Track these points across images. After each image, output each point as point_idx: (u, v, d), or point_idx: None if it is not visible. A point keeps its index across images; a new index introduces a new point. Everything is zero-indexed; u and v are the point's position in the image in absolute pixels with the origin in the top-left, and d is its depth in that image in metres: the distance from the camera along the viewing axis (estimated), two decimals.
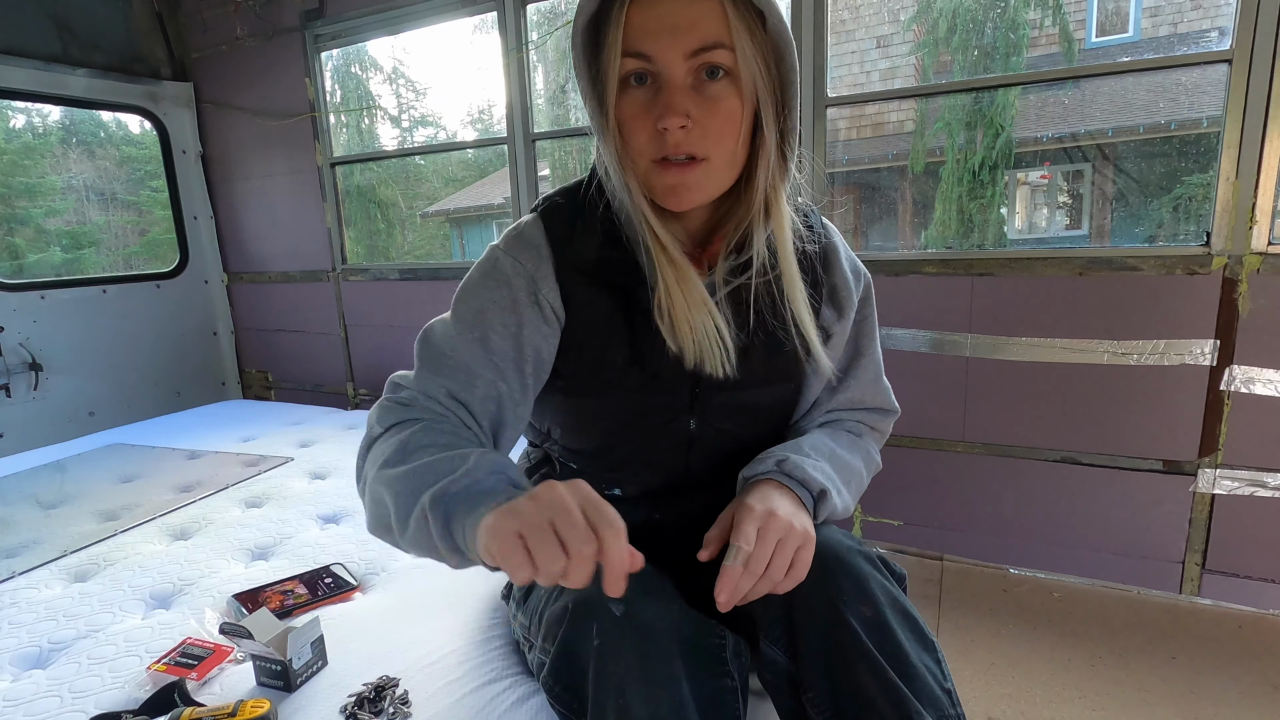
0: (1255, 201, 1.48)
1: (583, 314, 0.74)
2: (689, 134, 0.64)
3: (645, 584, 0.66)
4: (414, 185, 9.33)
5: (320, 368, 2.85)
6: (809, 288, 0.77)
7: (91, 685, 0.89)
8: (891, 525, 1.95)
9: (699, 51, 0.63)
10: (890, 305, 1.85)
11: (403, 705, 0.81)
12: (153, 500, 1.54)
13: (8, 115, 6.69)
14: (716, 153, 0.66)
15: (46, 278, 3.85)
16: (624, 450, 0.79)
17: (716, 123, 0.65)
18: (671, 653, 0.62)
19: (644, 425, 0.77)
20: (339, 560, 1.21)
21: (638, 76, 0.65)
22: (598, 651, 0.61)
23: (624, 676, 0.60)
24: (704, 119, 0.64)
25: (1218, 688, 1.40)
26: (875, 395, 0.86)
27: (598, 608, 0.63)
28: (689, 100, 0.64)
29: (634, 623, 0.62)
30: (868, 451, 0.85)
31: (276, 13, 2.54)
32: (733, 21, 0.62)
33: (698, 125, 0.64)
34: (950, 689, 0.63)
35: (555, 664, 0.65)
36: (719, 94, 0.64)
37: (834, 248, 0.80)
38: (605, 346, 0.74)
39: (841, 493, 0.75)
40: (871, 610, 0.64)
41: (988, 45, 5.93)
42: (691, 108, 0.64)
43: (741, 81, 0.64)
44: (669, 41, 0.62)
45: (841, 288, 0.80)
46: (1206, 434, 1.60)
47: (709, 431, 0.78)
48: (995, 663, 1.51)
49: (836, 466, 0.76)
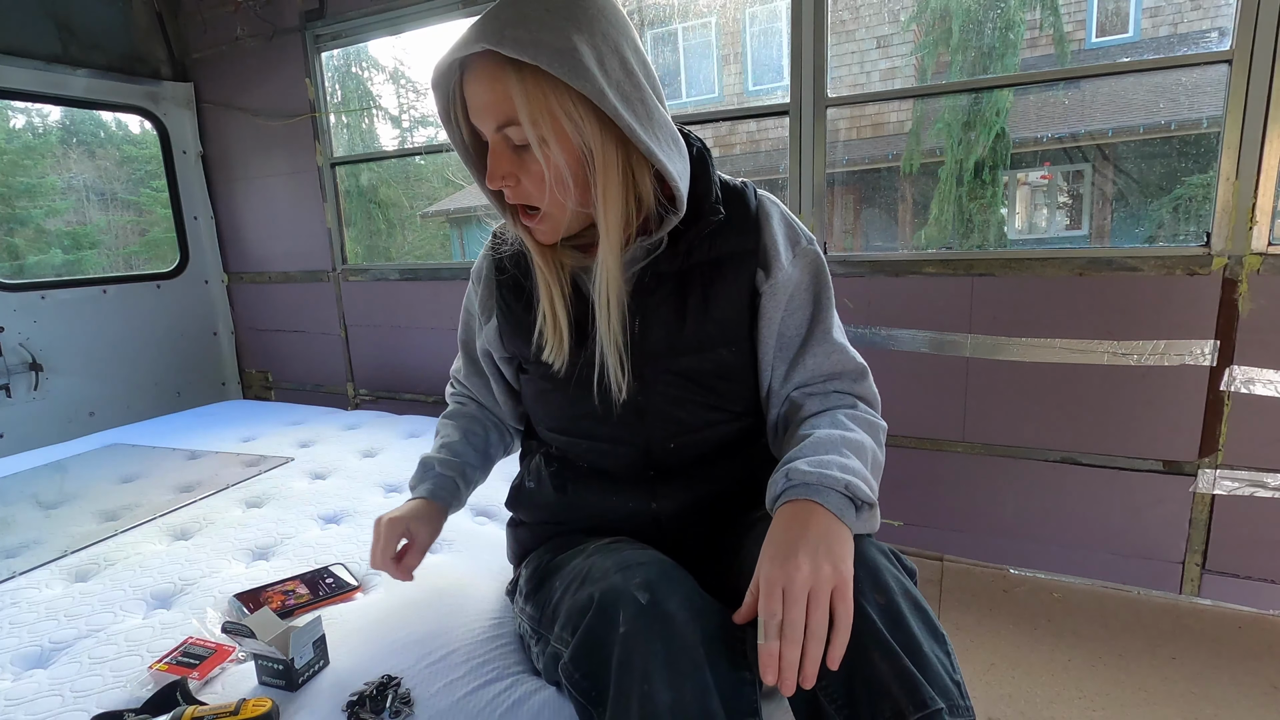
0: (1255, 202, 1.48)
1: (509, 318, 0.91)
2: (516, 191, 0.76)
3: (668, 575, 0.69)
4: (414, 185, 9.32)
5: (320, 368, 2.85)
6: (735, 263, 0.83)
7: (93, 685, 0.90)
8: (891, 525, 1.95)
9: (499, 128, 0.72)
10: (890, 305, 1.85)
11: (404, 704, 0.81)
12: (153, 500, 1.55)
13: (8, 115, 6.68)
14: (547, 203, 0.76)
15: (47, 278, 3.85)
16: (585, 425, 0.87)
17: (531, 181, 0.75)
18: (695, 642, 0.63)
19: (589, 399, 0.84)
20: (340, 560, 1.21)
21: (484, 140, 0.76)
22: (623, 639, 0.63)
23: (649, 664, 0.61)
24: (524, 179, 0.75)
25: (1218, 688, 1.40)
26: (840, 361, 0.84)
27: (624, 597, 0.65)
28: (505, 161, 0.74)
29: (659, 611, 0.64)
30: (868, 421, 0.81)
31: (276, 13, 2.54)
32: (520, 99, 0.69)
33: (520, 185, 0.75)
34: (960, 681, 0.63)
35: (577, 652, 0.67)
36: (527, 159, 0.74)
37: (765, 214, 0.86)
38: (526, 343, 0.87)
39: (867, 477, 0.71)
40: (885, 599, 0.64)
41: (987, 46, 5.93)
42: (509, 167, 0.74)
43: (546, 145, 0.71)
44: (480, 118, 0.74)
45: (770, 249, 0.83)
46: (1206, 434, 1.60)
47: (656, 399, 0.83)
48: (995, 663, 1.51)
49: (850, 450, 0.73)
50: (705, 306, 0.82)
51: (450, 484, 0.96)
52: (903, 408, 1.88)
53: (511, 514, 1.00)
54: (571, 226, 0.80)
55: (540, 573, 0.86)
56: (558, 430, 0.92)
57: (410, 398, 2.68)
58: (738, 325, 0.84)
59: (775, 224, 0.85)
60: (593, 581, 0.71)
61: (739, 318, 0.84)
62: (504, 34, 0.67)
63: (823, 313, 0.86)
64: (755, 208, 0.86)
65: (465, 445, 1.00)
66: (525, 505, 0.95)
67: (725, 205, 0.83)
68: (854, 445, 0.73)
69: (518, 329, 0.89)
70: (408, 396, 2.68)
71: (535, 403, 0.95)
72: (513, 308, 0.90)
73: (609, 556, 0.74)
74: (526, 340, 0.87)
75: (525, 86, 0.69)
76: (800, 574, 0.61)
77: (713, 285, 0.82)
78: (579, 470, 0.90)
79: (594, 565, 0.74)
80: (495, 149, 0.74)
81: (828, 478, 0.67)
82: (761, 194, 0.88)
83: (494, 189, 0.76)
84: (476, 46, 0.69)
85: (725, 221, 0.82)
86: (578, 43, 0.68)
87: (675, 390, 0.84)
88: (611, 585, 0.67)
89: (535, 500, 0.93)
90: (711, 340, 0.83)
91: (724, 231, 0.83)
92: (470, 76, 0.73)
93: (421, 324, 2.57)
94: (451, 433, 1.02)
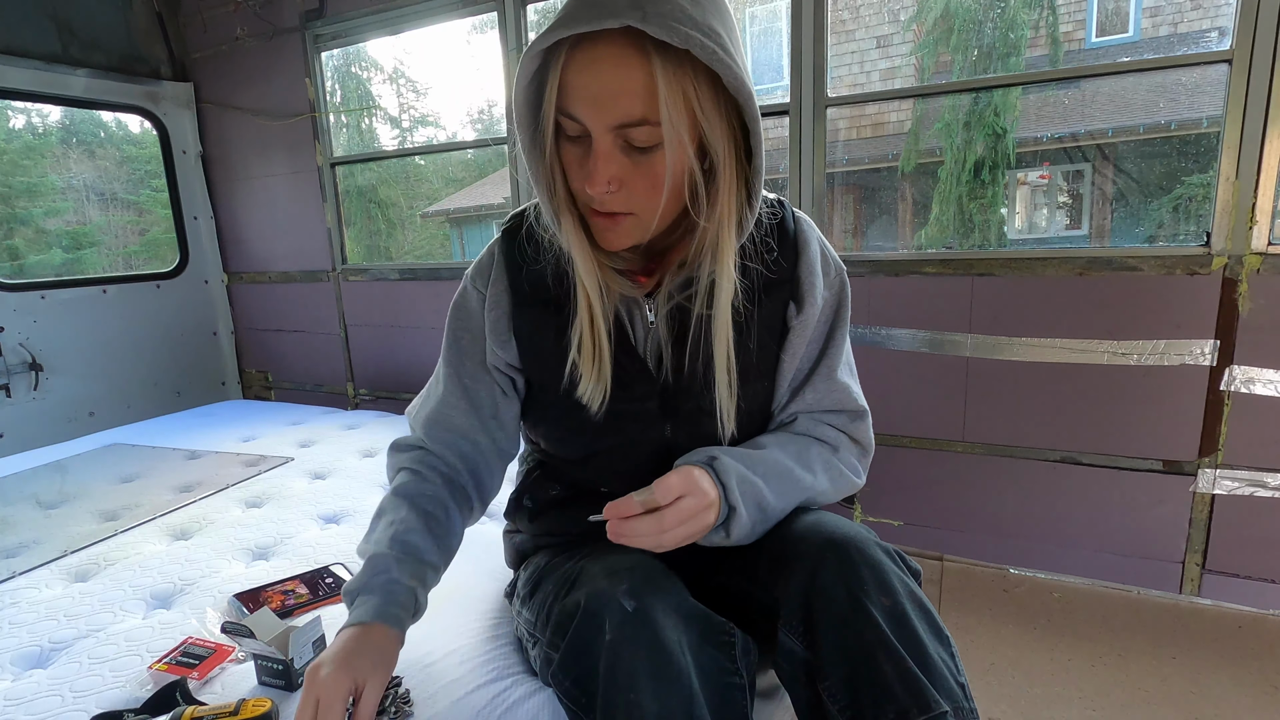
0: (1255, 201, 1.48)
1: (534, 337, 0.80)
2: (615, 196, 0.66)
3: (656, 581, 0.67)
4: (414, 185, 9.33)
5: (320, 368, 2.85)
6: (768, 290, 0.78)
7: (93, 684, 0.89)
8: (891, 525, 1.95)
9: (621, 126, 0.62)
10: (890, 305, 1.85)
11: (404, 704, 0.81)
12: (153, 500, 1.54)
13: (8, 115, 6.69)
14: (644, 209, 0.68)
15: (47, 278, 3.85)
16: (604, 459, 0.82)
17: (643, 186, 0.66)
18: (682, 649, 0.63)
19: (620, 436, 0.79)
20: (339, 560, 1.21)
21: (573, 136, 0.67)
22: (609, 647, 0.62)
23: (635, 672, 0.60)
24: (631, 181, 0.66)
25: (1218, 688, 1.40)
26: (840, 400, 0.82)
27: (610, 604, 0.64)
28: (615, 164, 0.64)
29: (646, 619, 0.63)
30: (833, 464, 0.81)
31: (276, 13, 2.54)
32: (662, 93, 0.60)
33: (625, 187, 0.66)
34: (964, 683, 0.63)
35: (565, 659, 0.66)
36: (646, 161, 0.65)
37: (805, 240, 0.80)
38: (555, 374, 0.78)
39: (763, 507, 0.73)
40: (890, 601, 0.64)
41: (987, 46, 5.93)
42: (618, 171, 0.65)
43: (672, 149, 0.63)
44: (593, 112, 0.62)
45: (805, 280, 0.78)
46: (1206, 434, 1.60)
47: (684, 437, 0.78)
48: (995, 663, 1.51)
49: (771, 478, 0.74)
50: (742, 338, 0.76)
51: (408, 596, 0.74)
52: (903, 408, 1.88)
53: (509, 522, 0.97)
54: (646, 238, 0.72)
55: (536, 576, 0.85)
56: (572, 462, 0.85)
57: (410, 397, 2.68)
58: (771, 357, 0.80)
59: (813, 252, 0.80)
60: (580, 586, 0.69)
61: (771, 348, 0.79)
62: (646, 10, 0.57)
63: (834, 348, 0.82)
64: (794, 232, 0.80)
65: (426, 538, 0.78)
66: (525, 521, 0.91)
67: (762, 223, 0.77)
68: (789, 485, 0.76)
69: (544, 358, 0.79)
70: (407, 396, 2.68)
71: (549, 433, 0.86)
72: (540, 335, 0.79)
73: (598, 561, 0.72)
74: (556, 371, 0.78)
75: (669, 76, 0.59)
76: (700, 500, 0.68)
77: (751, 312, 0.76)
78: (586, 493, 0.85)
79: (584, 570, 0.73)
80: (605, 149, 0.63)
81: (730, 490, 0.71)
82: (799, 216, 0.82)
83: (595, 193, 0.65)
84: (612, 22, 0.57)
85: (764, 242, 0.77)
86: (716, 25, 0.60)
87: (707, 429, 0.78)
88: (597, 591, 0.65)
89: (535, 517, 0.89)
90: (748, 374, 0.78)
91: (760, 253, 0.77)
92: (585, 59, 0.61)
93: (421, 324, 2.57)
94: (408, 517, 0.78)
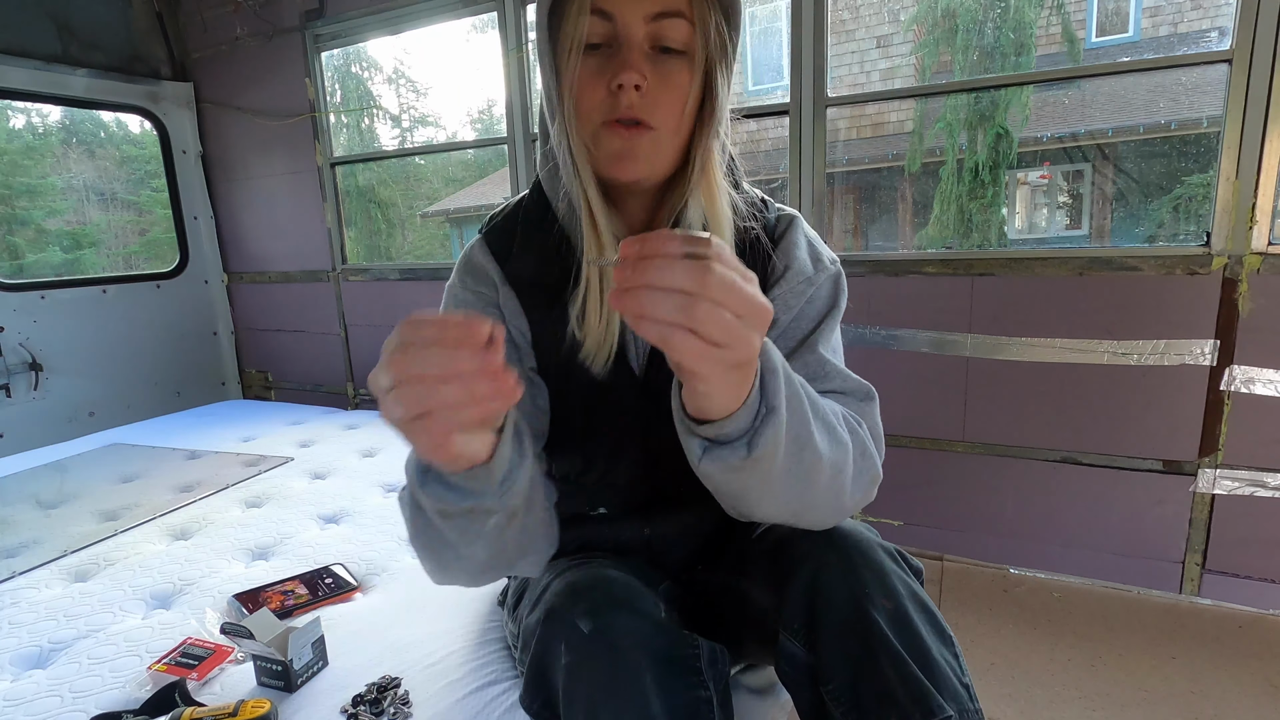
0: (1255, 201, 1.48)
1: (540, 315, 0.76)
2: (642, 98, 0.65)
3: (616, 596, 0.65)
4: (414, 185, 9.33)
5: (320, 368, 2.85)
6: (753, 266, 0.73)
7: (92, 685, 0.90)
8: (891, 525, 1.95)
9: (659, 16, 0.64)
10: (890, 305, 1.85)
11: (403, 705, 0.81)
12: (153, 500, 1.54)
13: (8, 115, 6.69)
14: (663, 121, 0.66)
15: (46, 278, 3.85)
16: (599, 469, 0.78)
17: (667, 93, 0.66)
18: (640, 667, 0.60)
19: (603, 439, 0.76)
20: (339, 560, 1.21)
21: (593, 46, 0.66)
22: (566, 669, 0.61)
23: (593, 694, 0.59)
24: (656, 87, 0.65)
25: (1218, 688, 1.40)
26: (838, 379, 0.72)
27: (566, 625, 0.62)
28: (646, 64, 0.65)
29: (603, 639, 0.61)
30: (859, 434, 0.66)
31: (276, 13, 2.54)
32: None
33: (650, 92, 0.65)
34: (968, 684, 0.63)
35: (529, 682, 0.66)
36: (673, 67, 0.66)
37: (793, 228, 0.78)
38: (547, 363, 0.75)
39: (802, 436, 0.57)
40: (893, 604, 0.63)
41: (988, 45, 5.93)
42: (648, 72, 0.65)
43: (695, 56, 0.65)
44: (631, 3, 0.64)
45: (793, 268, 0.75)
46: (1206, 434, 1.60)
47: (669, 438, 0.67)
48: (995, 663, 1.51)
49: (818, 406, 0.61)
50: None
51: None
52: (903, 408, 1.87)
53: None
54: (657, 171, 0.69)
55: (520, 586, 0.85)
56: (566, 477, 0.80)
57: None
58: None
59: (800, 242, 0.77)
60: (541, 606, 0.67)
61: None
62: None
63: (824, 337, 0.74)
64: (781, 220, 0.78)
65: None
66: None
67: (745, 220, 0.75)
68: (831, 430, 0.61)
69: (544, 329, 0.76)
70: None
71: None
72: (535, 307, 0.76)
73: (563, 577, 0.69)
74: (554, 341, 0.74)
75: None
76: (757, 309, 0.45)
77: None
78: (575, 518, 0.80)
79: (550, 586, 0.70)
80: (635, 41, 0.65)
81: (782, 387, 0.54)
82: (782, 210, 0.79)
83: (626, 82, 0.64)
84: None
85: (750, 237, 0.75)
86: None
87: None
88: (553, 612, 0.63)
89: None
90: None
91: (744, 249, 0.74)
92: None
93: None
94: None
